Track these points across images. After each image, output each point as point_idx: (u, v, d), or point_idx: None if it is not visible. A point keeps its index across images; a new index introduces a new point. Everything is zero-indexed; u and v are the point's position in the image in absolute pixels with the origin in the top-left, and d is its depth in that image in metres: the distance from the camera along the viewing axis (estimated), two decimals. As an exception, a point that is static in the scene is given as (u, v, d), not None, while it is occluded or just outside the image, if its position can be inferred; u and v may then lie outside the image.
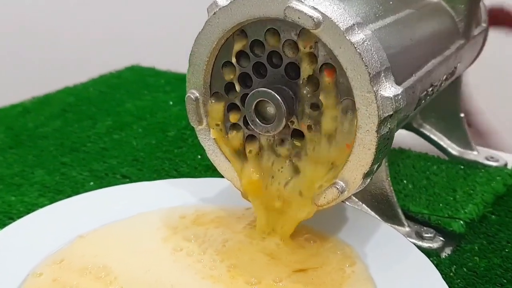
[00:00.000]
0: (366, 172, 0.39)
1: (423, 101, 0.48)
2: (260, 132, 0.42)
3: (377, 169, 0.41)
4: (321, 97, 0.40)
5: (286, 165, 0.43)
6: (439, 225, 0.49)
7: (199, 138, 0.46)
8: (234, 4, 0.40)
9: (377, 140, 0.38)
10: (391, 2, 0.47)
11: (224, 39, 0.42)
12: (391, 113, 0.38)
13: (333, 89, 0.39)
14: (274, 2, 0.38)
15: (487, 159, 0.60)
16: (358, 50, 0.37)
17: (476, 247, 0.48)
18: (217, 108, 0.44)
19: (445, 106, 0.61)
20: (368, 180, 0.41)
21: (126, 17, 1.12)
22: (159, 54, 0.87)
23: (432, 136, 0.62)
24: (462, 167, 0.59)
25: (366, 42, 0.37)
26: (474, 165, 0.60)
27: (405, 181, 0.57)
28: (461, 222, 0.49)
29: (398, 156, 0.62)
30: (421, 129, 0.63)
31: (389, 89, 0.38)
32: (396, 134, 0.61)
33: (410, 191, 0.55)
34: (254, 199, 0.45)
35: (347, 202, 0.49)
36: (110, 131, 0.66)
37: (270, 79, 0.41)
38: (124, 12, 1.11)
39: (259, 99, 0.40)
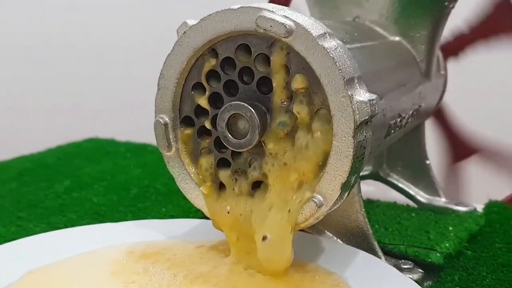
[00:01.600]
0: (343, 182, 0.38)
1: (392, 131, 0.48)
2: (232, 149, 0.40)
3: (354, 183, 0.40)
4: (295, 109, 0.39)
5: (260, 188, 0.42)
6: (417, 257, 0.48)
7: (167, 166, 0.44)
8: (205, 21, 0.40)
9: (353, 146, 0.37)
10: (356, 34, 0.48)
11: (194, 59, 0.42)
12: (367, 117, 0.37)
13: (306, 99, 0.39)
14: (246, 15, 0.39)
15: (456, 205, 0.60)
16: (331, 55, 0.37)
17: (457, 278, 0.46)
18: (187, 133, 0.43)
19: (410, 154, 0.61)
20: (346, 194, 0.40)
21: (81, 89, 1.11)
22: (118, 126, 0.86)
23: (400, 185, 0.62)
24: (432, 213, 0.59)
25: (338, 49, 0.37)
26: (444, 211, 0.59)
27: (376, 226, 0.55)
28: (438, 254, 0.48)
29: (367, 206, 0.61)
30: (389, 178, 0.62)
31: (364, 94, 0.38)
32: (363, 188, 0.61)
33: (383, 233, 0.54)
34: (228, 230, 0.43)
35: (321, 237, 0.48)
36: (69, 190, 0.64)
37: (242, 97, 0.41)
38: (79, 84, 1.11)
39: (232, 113, 0.39)
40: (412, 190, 0.61)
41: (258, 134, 0.39)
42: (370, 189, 0.67)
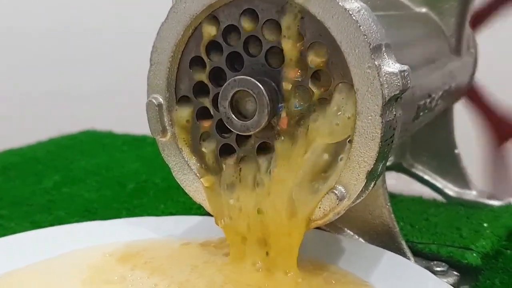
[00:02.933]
0: (369, 170, 0.32)
1: (421, 113, 0.42)
2: (237, 132, 0.34)
3: (381, 171, 0.34)
4: (310, 85, 0.33)
5: (267, 179, 0.36)
6: (451, 258, 0.42)
7: (162, 154, 0.38)
8: (204, -17, 0.34)
9: (382, 126, 0.31)
10: (378, 1, 0.42)
11: (192, 29, 0.36)
12: (397, 92, 0.31)
13: (323, 72, 0.32)
14: (251, -27, 0.33)
15: (489, 198, 0.53)
16: (354, 18, 0.31)
17: (498, 282, 0.40)
18: (185, 115, 0.37)
19: (437, 142, 0.55)
20: (372, 184, 0.33)
21: (78, 77, 1.05)
22: (117, 117, 0.80)
23: (426, 177, 0.56)
24: (462, 207, 0.52)
25: (362, 11, 0.31)
26: (476, 205, 0.53)
27: (402, 223, 0.49)
28: (475, 254, 0.42)
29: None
30: (413, 170, 0.56)
31: (393, 65, 0.31)
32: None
33: (409, 231, 0.47)
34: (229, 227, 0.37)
35: (341, 236, 0.41)
36: (58, 185, 0.58)
37: (247, 71, 0.34)
38: (76, 72, 1.05)
39: (236, 90, 0.33)
40: (440, 182, 0.55)
41: (267, 115, 0.33)
42: (392, 182, 0.61)
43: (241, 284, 0.34)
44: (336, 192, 0.33)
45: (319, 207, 0.33)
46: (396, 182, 0.60)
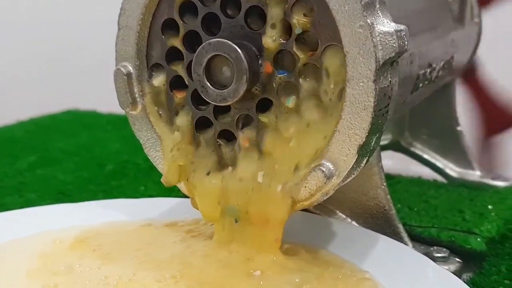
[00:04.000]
0: (361, 144, 0.28)
1: (420, 85, 0.38)
2: (213, 102, 0.31)
3: (375, 146, 0.30)
4: (295, 48, 0.29)
5: (251, 153, 0.32)
6: (452, 243, 0.38)
7: (133, 129, 0.35)
8: None
9: (375, 94, 0.27)
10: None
11: (163, -13, 0.32)
12: (393, 54, 0.27)
13: (310, 34, 0.29)
14: None
15: (493, 179, 0.50)
16: (343, -31, 0.27)
17: (504, 269, 0.36)
18: (157, 84, 0.33)
19: (438, 119, 0.51)
20: (365, 161, 0.30)
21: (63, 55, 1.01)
22: (102, 96, 0.76)
23: (426, 156, 0.52)
24: (465, 189, 0.49)
25: (352, -38, 0.27)
26: (480, 187, 0.49)
27: (399, 205, 0.46)
28: (479, 239, 0.38)
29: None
30: (412, 149, 0.52)
31: (389, 24, 0.28)
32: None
33: (407, 213, 0.44)
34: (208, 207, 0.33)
35: (332, 219, 0.38)
36: (33, 167, 0.54)
37: (225, 35, 0.31)
38: (61, 50, 1.00)
39: (211, 55, 0.30)
40: (441, 162, 0.51)
41: (246, 82, 0.29)
42: (389, 162, 0.57)
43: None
44: (324, 169, 0.29)
45: (305, 186, 0.29)
46: (393, 162, 0.57)
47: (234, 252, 0.31)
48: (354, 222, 0.38)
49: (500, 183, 0.49)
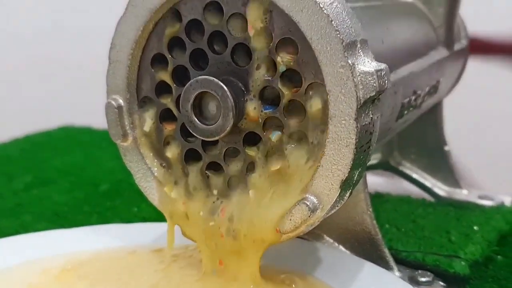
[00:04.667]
0: (344, 179, 0.29)
1: (405, 112, 0.39)
2: (200, 137, 0.31)
3: (358, 180, 0.31)
4: (280, 85, 0.30)
5: (238, 186, 0.33)
6: (437, 267, 0.39)
7: (124, 160, 0.35)
8: (163, -27, 0.31)
9: (356, 131, 0.28)
10: (360, -8, 0.39)
11: (153, 24, 0.33)
12: (374, 93, 0.28)
13: (294, 71, 0.30)
14: (214, -38, 0.30)
15: (480, 198, 0.51)
16: (325, 12, 0.28)
17: (487, 293, 0.37)
18: (147, 117, 0.34)
19: (426, 139, 0.52)
20: (348, 194, 0.31)
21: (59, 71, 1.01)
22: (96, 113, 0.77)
23: (414, 175, 0.53)
24: (452, 208, 0.50)
25: (335, 4, 0.28)
26: (466, 206, 0.50)
27: (387, 225, 0.46)
28: (463, 262, 0.39)
29: (375, 201, 0.51)
30: (401, 168, 0.53)
31: (369, 64, 0.28)
32: (370, 179, 0.52)
33: (395, 234, 0.45)
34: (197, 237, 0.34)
35: (320, 244, 0.39)
36: (29, 187, 0.55)
37: (212, 70, 0.32)
38: (56, 65, 1.01)
39: (198, 92, 0.31)
40: (429, 181, 0.52)
41: (232, 118, 0.30)
42: (379, 180, 0.58)
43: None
44: (308, 203, 0.30)
45: (290, 219, 0.30)
46: (384, 180, 0.58)
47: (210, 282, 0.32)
48: (341, 247, 0.39)
49: (486, 203, 0.50)
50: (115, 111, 0.34)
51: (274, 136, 0.31)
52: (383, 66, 0.29)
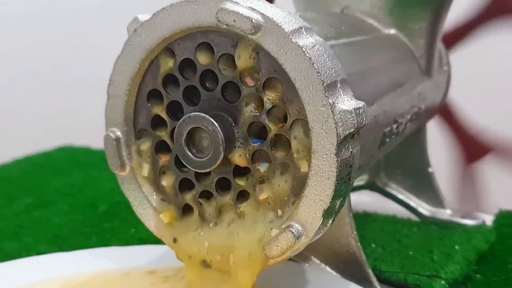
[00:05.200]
0: (326, 208, 0.31)
1: (387, 140, 0.41)
2: (193, 169, 0.34)
3: (339, 208, 0.33)
4: (266, 121, 0.32)
5: (229, 214, 0.35)
6: (418, 286, 0.41)
7: (121, 188, 0.38)
8: (158, 17, 0.34)
9: (337, 165, 0.30)
10: (343, 27, 0.41)
11: (148, 62, 0.35)
12: (352, 130, 0.30)
13: (280, 108, 0.32)
14: (205, 7, 0.32)
15: (462, 217, 0.53)
16: (307, 55, 0.30)
17: (465, 311, 0.40)
18: (144, 148, 0.36)
19: (411, 161, 0.54)
20: (330, 221, 0.33)
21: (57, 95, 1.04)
22: (94, 133, 0.79)
23: (400, 196, 0.55)
24: (436, 227, 0.52)
25: (317, 47, 0.31)
26: (449, 225, 0.52)
27: (373, 245, 0.49)
28: (443, 282, 0.41)
29: (362, 220, 0.54)
30: (387, 189, 0.56)
31: (348, 102, 0.31)
32: (358, 198, 0.54)
33: (380, 254, 0.47)
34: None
35: (307, 264, 0.41)
36: (30, 208, 0.57)
37: (204, 106, 0.34)
38: (58, 86, 1.03)
39: (190, 127, 0.33)
40: (414, 201, 0.55)
41: (222, 151, 0.32)
42: (368, 199, 0.60)
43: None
44: (293, 230, 0.32)
45: (276, 245, 0.33)
46: (372, 199, 0.60)
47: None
48: (328, 268, 0.41)
49: (468, 222, 0.52)
50: (113, 143, 0.36)
51: (263, 167, 0.33)
52: (361, 104, 0.31)
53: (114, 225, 0.53)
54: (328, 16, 0.44)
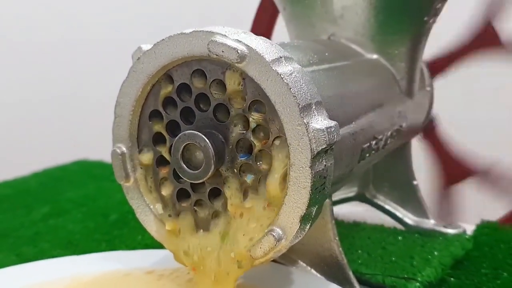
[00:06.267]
0: (302, 214, 0.36)
1: (367, 155, 0.46)
2: (188, 180, 0.38)
3: (316, 214, 0.37)
4: (252, 138, 0.37)
5: (219, 219, 0.40)
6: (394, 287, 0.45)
7: (126, 197, 0.42)
8: (158, 47, 0.38)
9: (311, 177, 0.35)
10: (326, 54, 0.46)
11: (150, 86, 0.40)
12: (324, 146, 0.35)
13: (263, 127, 0.37)
14: (198, 39, 0.37)
15: (445, 226, 0.57)
16: (285, 81, 0.35)
17: (437, 310, 0.44)
18: (146, 162, 0.41)
19: (396, 174, 0.59)
20: (308, 226, 0.37)
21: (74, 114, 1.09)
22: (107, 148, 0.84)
23: (387, 207, 0.59)
24: (419, 236, 0.56)
25: (294, 74, 0.35)
26: (432, 234, 0.56)
27: (359, 251, 0.53)
28: (418, 284, 0.45)
29: (352, 229, 0.58)
30: (375, 200, 0.60)
31: (321, 122, 0.35)
32: (350, 209, 0.59)
33: (365, 259, 0.51)
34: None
35: (294, 267, 0.45)
36: (46, 217, 0.62)
37: (199, 124, 0.39)
38: (75, 102, 1.09)
39: (186, 143, 0.38)
40: (400, 212, 0.59)
41: (213, 165, 0.37)
42: (359, 209, 0.65)
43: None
44: (274, 234, 0.36)
45: (260, 247, 0.37)
46: (364, 209, 0.64)
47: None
48: (313, 270, 0.46)
49: (450, 231, 0.56)
50: (119, 157, 0.41)
51: (249, 179, 0.38)
52: (333, 123, 0.35)
53: (123, 232, 0.58)
54: (315, 43, 0.49)
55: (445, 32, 0.54)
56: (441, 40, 0.55)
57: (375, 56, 0.51)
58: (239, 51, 0.35)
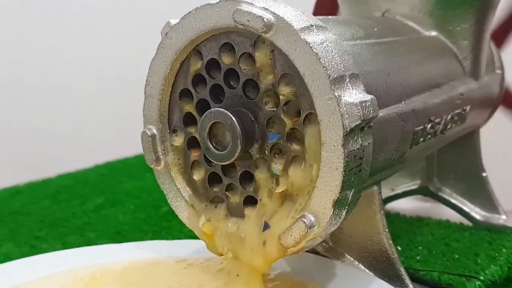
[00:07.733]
0: (336, 199, 0.32)
1: (421, 139, 0.41)
2: (214, 161, 0.36)
3: (353, 200, 0.34)
4: (282, 115, 0.34)
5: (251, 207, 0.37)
6: (450, 286, 0.41)
7: (158, 182, 0.40)
8: (185, 20, 0.36)
9: (344, 156, 0.31)
10: (375, 29, 0.42)
11: (179, 63, 0.38)
12: (359, 122, 0.31)
13: (294, 103, 0.33)
14: (224, 9, 0.34)
15: (517, 223, 0.52)
16: (314, 50, 0.31)
17: (500, 312, 0.39)
18: (177, 144, 0.39)
19: (463, 165, 0.54)
20: (344, 213, 0.34)
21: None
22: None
23: (453, 200, 0.55)
24: (488, 232, 0.51)
25: (326, 43, 0.32)
26: (503, 230, 0.51)
27: (420, 247, 0.49)
28: (479, 282, 0.41)
29: (414, 224, 0.54)
30: (440, 193, 0.55)
31: (356, 95, 0.32)
32: (415, 204, 0.54)
33: (424, 256, 0.47)
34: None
35: (340, 261, 0.42)
36: (98, 208, 0.61)
37: (228, 102, 0.36)
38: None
39: (212, 121, 0.35)
40: (467, 206, 0.54)
41: (240, 145, 0.34)
42: (426, 205, 0.60)
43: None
44: (305, 220, 0.33)
45: (290, 235, 0.34)
46: (431, 205, 0.59)
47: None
48: (360, 265, 0.42)
49: (523, 227, 0.51)
50: (149, 139, 0.39)
51: (280, 161, 0.35)
52: (368, 97, 0.32)
53: (171, 224, 0.56)
54: (364, 19, 0.45)
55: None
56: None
57: (433, 33, 0.47)
58: (265, 19, 0.32)
